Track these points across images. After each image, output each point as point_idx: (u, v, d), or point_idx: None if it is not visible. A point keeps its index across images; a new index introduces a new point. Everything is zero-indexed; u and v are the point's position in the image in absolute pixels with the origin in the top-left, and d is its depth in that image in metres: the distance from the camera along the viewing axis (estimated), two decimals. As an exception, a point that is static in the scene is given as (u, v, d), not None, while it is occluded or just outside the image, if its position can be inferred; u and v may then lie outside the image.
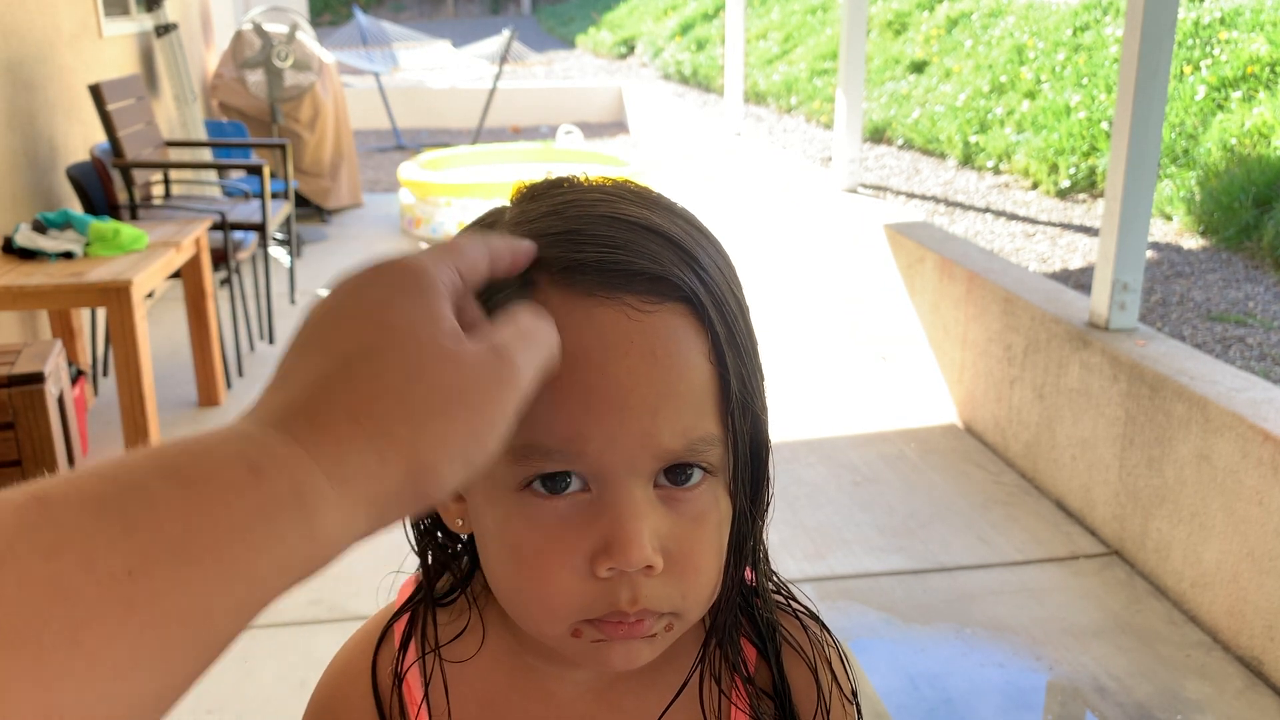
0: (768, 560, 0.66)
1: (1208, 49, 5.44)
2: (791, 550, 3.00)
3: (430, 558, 0.66)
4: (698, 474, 0.55)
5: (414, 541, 0.65)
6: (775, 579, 0.68)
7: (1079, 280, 4.13)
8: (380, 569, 0.71)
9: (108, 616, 0.29)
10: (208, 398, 4.01)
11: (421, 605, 0.66)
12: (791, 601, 0.69)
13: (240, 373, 4.34)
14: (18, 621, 0.28)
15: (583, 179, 0.59)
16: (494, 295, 0.53)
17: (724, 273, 0.57)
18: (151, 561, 0.30)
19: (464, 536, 0.63)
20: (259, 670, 2.48)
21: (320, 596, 2.75)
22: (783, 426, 3.79)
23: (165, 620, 0.30)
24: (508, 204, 0.60)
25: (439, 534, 0.65)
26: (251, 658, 2.52)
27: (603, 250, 0.53)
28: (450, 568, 0.66)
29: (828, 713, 0.66)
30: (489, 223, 0.59)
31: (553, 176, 0.60)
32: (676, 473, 0.54)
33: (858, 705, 0.70)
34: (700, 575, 0.56)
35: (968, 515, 3.19)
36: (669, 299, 0.53)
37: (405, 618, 0.66)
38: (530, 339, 0.45)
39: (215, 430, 0.36)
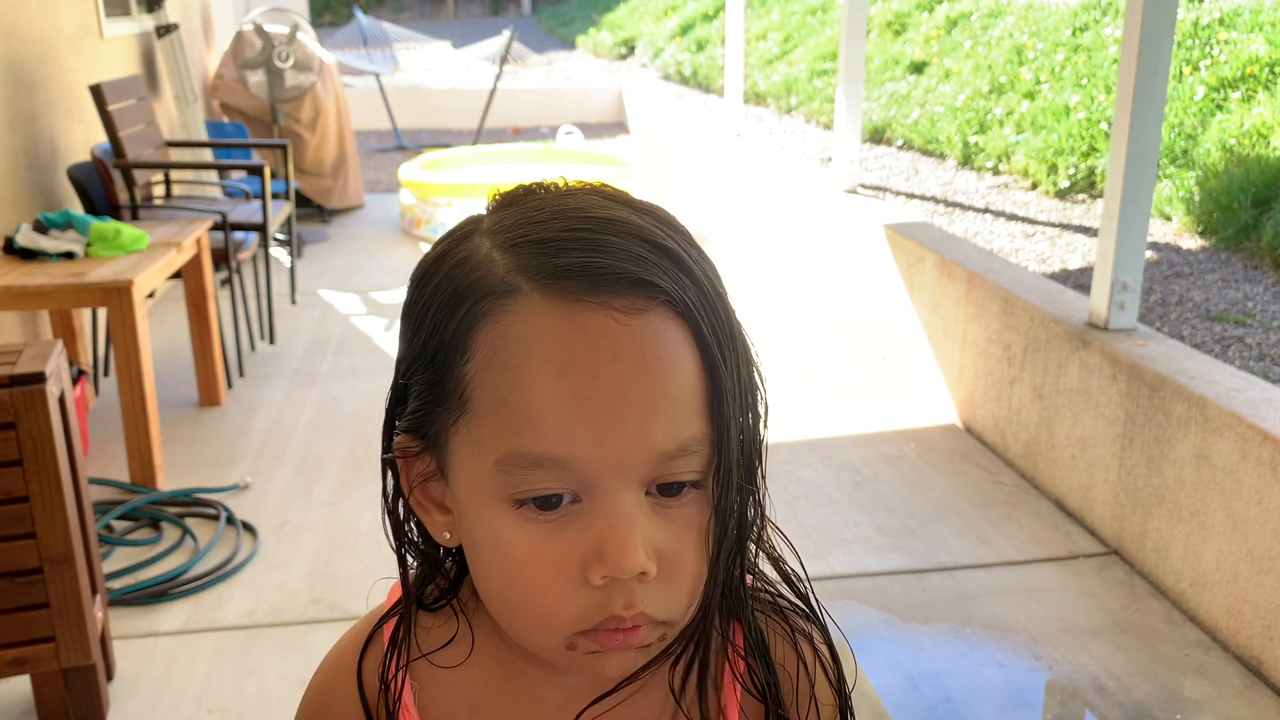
0: (757, 556, 0.66)
1: (1207, 49, 5.44)
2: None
3: (414, 564, 0.65)
4: (688, 486, 0.55)
5: (394, 548, 0.64)
6: (781, 565, 0.68)
7: (1078, 280, 4.13)
8: (380, 569, 0.71)
9: None
10: (209, 398, 4.02)
11: (408, 610, 0.65)
12: (779, 599, 0.68)
13: (241, 373, 4.35)
14: None
15: (560, 183, 0.58)
16: (477, 302, 0.53)
17: (707, 274, 0.56)
18: None
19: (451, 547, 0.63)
20: (260, 670, 2.48)
21: (320, 596, 2.75)
22: (783, 426, 3.79)
23: None
24: (483, 212, 0.59)
25: (422, 542, 0.64)
26: (252, 657, 2.53)
27: (587, 255, 0.52)
28: (436, 576, 0.65)
29: (813, 702, 0.66)
30: (466, 231, 0.58)
31: (527, 183, 0.59)
32: (668, 486, 0.54)
33: (847, 697, 0.69)
34: (690, 581, 0.56)
35: (968, 515, 3.20)
36: (656, 302, 0.53)
37: (393, 620, 0.66)
38: None
39: None
